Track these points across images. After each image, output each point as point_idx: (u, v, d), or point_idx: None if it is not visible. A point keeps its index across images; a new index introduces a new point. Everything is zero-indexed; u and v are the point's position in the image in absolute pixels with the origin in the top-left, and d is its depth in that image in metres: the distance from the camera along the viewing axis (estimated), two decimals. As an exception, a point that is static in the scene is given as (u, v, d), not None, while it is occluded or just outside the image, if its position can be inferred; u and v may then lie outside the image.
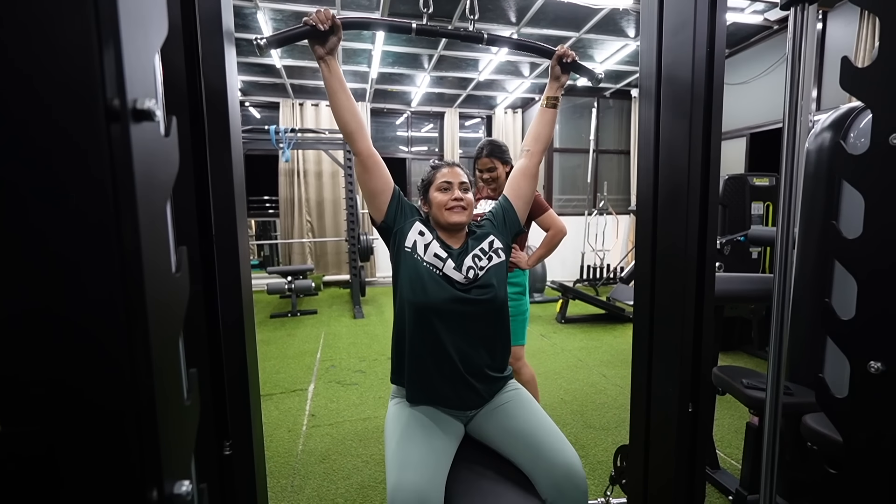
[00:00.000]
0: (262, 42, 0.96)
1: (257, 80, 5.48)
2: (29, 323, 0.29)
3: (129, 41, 0.31)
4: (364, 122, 1.12)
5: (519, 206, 1.27)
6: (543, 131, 1.26)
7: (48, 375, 0.30)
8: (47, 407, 0.30)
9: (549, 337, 3.82)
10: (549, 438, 1.05)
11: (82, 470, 0.31)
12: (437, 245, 1.15)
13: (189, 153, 0.70)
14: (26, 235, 0.29)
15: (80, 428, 0.31)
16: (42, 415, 0.30)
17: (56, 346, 0.30)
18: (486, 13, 3.79)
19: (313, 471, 1.90)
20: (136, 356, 0.32)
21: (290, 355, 3.37)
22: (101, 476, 0.31)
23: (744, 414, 2.24)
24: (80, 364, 0.30)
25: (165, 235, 0.38)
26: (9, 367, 0.30)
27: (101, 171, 0.30)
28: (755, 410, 1.35)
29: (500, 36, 1.20)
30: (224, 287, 0.75)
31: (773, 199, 3.27)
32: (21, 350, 0.29)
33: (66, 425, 0.30)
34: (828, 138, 1.35)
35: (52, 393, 0.30)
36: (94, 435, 0.31)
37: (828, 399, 0.63)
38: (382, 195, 1.15)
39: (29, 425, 0.30)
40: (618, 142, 6.50)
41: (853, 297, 0.60)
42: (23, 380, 0.30)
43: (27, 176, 0.29)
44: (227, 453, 0.77)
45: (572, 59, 1.18)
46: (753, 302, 2.66)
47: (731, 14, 3.75)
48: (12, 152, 0.29)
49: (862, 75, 0.57)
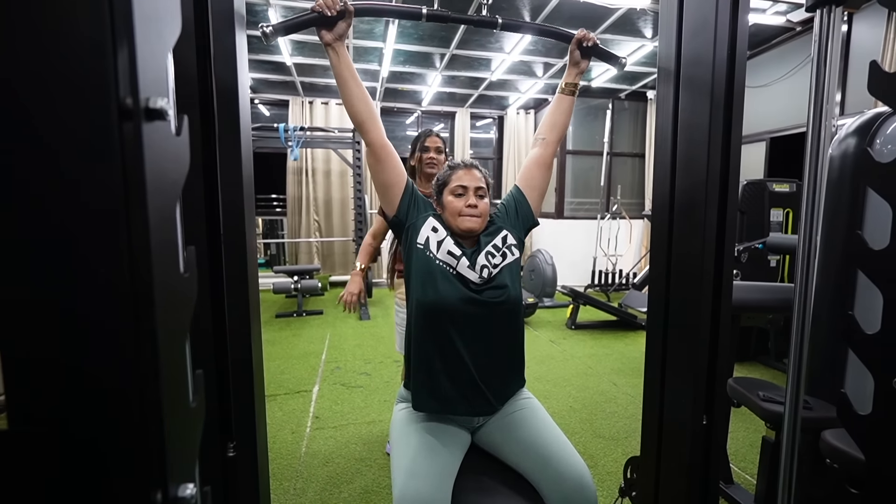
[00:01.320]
0: (268, 29, 0.94)
1: (267, 78, 5.53)
2: (35, 322, 0.29)
3: (142, 40, 0.31)
4: (376, 112, 1.09)
5: (533, 198, 1.22)
6: (560, 119, 1.20)
7: (54, 376, 0.30)
8: (53, 408, 0.30)
9: (558, 343, 3.78)
10: (559, 449, 1.03)
11: (87, 472, 0.31)
12: (451, 242, 1.10)
13: (199, 151, 0.70)
14: (37, 234, 0.29)
15: (85, 430, 0.30)
16: (48, 416, 0.30)
17: (62, 347, 0.30)
18: (500, 11, 3.78)
19: (316, 474, 1.89)
20: (143, 357, 0.32)
21: (295, 356, 3.38)
22: (105, 478, 0.31)
23: (759, 427, 2.18)
24: (87, 365, 0.30)
25: (174, 235, 0.38)
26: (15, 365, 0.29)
27: (112, 171, 0.30)
28: (772, 424, 1.31)
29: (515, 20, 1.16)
30: (231, 287, 0.75)
31: (793, 206, 3.20)
32: (28, 349, 0.29)
33: (70, 427, 0.30)
34: (853, 144, 1.31)
35: (57, 394, 0.30)
36: (99, 436, 0.31)
37: (850, 416, 0.60)
38: (395, 188, 1.11)
39: (35, 426, 0.30)
40: (632, 144, 6.42)
41: (878, 309, 0.57)
42: (29, 380, 0.30)
43: (39, 174, 0.29)
44: (231, 455, 0.77)
45: (593, 42, 1.12)
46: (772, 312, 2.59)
47: (752, 15, 3.68)
48: (25, 151, 0.28)
49: (891, 80, 0.55)
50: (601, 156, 5.81)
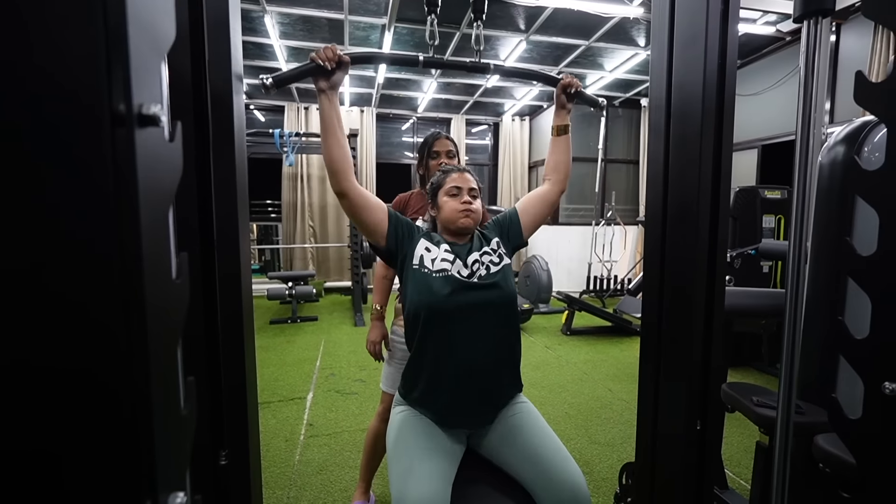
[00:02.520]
0: (268, 81, 0.99)
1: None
2: (23, 328, 0.29)
3: (136, 46, 0.31)
4: (351, 161, 1.10)
5: (526, 224, 1.25)
6: (561, 159, 1.26)
7: (43, 382, 0.30)
8: (41, 416, 0.30)
9: (553, 349, 3.78)
10: (555, 456, 1.03)
11: (76, 481, 0.30)
12: (444, 252, 1.13)
13: (192, 157, 0.70)
14: (27, 240, 0.29)
15: (74, 438, 0.30)
16: (36, 424, 0.30)
17: (51, 352, 0.29)
18: (495, 20, 3.82)
19: (310, 482, 1.87)
20: (134, 364, 0.31)
21: (289, 362, 3.35)
22: (94, 486, 0.31)
23: (753, 432, 2.19)
24: (76, 371, 0.30)
25: (167, 241, 0.38)
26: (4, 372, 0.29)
27: (104, 177, 0.30)
28: (765, 429, 1.32)
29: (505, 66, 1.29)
30: (224, 293, 0.75)
31: (784, 213, 3.24)
32: (16, 356, 0.29)
33: (59, 435, 0.30)
34: (841, 152, 1.33)
35: (45, 402, 0.30)
36: (88, 445, 0.30)
37: (841, 420, 0.61)
38: (381, 224, 1.13)
39: (22, 434, 0.29)
40: (627, 151, 6.48)
41: (867, 315, 0.58)
42: (16, 388, 0.29)
43: (31, 181, 0.29)
44: (223, 463, 0.76)
45: (576, 88, 1.20)
46: (764, 317, 2.61)
47: (742, 25, 3.74)
48: (17, 157, 0.28)
49: (877, 90, 0.56)
50: (596, 162, 5.86)
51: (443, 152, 1.62)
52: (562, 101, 1.23)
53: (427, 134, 1.69)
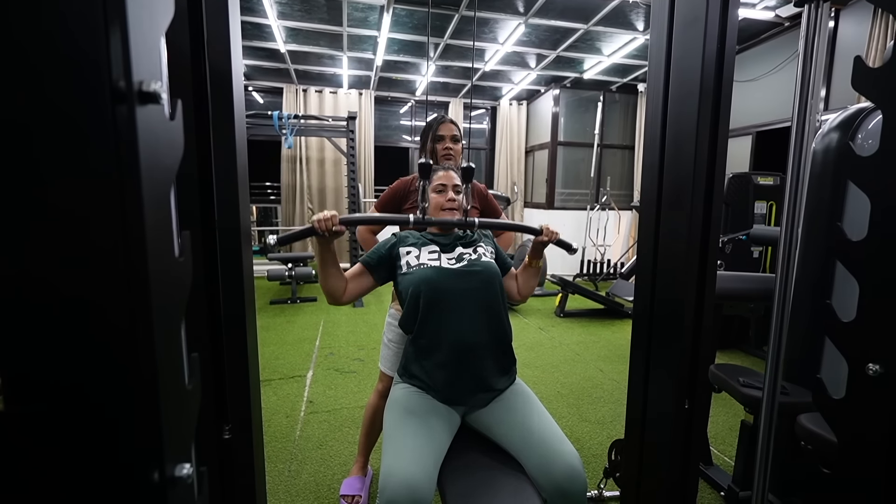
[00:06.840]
0: (272, 241, 1.15)
1: (261, 65, 5.42)
2: (29, 305, 0.29)
3: (135, 22, 0.31)
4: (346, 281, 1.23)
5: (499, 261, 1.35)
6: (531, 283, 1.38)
7: (51, 358, 0.30)
8: (49, 389, 0.30)
9: (547, 330, 3.83)
10: (550, 436, 1.07)
11: (85, 451, 0.31)
12: (429, 252, 1.26)
13: (192, 136, 0.69)
14: (29, 218, 0.29)
15: (83, 410, 0.31)
16: (44, 397, 0.30)
17: (58, 329, 0.30)
18: (494, 2, 3.74)
19: (310, 456, 1.92)
20: (139, 340, 0.32)
21: (290, 342, 3.39)
22: (103, 457, 0.32)
23: (739, 412, 2.26)
24: (83, 347, 0.31)
25: (169, 220, 0.38)
26: (12, 348, 0.30)
27: (105, 154, 0.30)
28: (751, 409, 1.36)
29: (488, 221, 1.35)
30: (226, 272, 0.75)
31: (776, 199, 3.26)
32: (23, 333, 0.30)
33: (67, 408, 0.31)
34: (835, 139, 1.34)
35: (54, 375, 0.30)
36: (97, 417, 0.31)
37: (824, 400, 0.63)
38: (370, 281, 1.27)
39: (31, 405, 0.30)
40: (622, 137, 6.46)
41: (854, 299, 0.60)
42: (25, 361, 0.30)
43: (31, 158, 0.29)
44: (227, 437, 0.78)
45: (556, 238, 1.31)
46: (753, 301, 2.66)
47: (742, 9, 3.70)
48: (16, 134, 0.28)
49: (875, 76, 0.56)
50: (592, 147, 5.84)
51: (448, 136, 1.59)
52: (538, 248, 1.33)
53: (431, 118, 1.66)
